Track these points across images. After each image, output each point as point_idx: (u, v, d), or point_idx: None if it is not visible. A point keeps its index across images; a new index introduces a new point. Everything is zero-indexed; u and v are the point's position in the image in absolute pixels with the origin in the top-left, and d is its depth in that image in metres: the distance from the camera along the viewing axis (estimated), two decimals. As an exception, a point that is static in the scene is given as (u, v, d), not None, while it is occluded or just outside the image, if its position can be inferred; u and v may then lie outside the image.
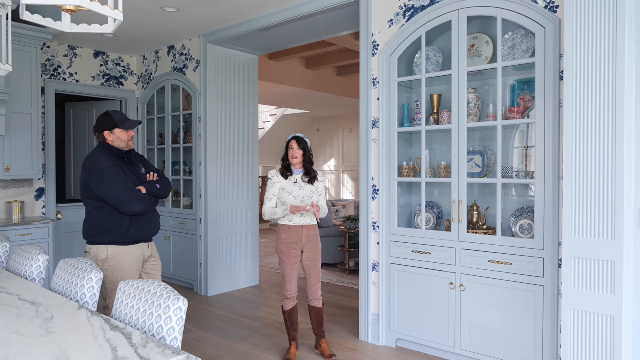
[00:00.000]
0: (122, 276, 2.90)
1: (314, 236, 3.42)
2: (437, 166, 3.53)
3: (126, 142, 2.92)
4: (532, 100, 3.13)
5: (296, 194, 3.34)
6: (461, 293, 3.26)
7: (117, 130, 2.87)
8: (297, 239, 3.35)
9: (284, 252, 3.35)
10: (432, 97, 3.52)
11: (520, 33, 3.11)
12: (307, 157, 3.40)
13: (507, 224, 3.28)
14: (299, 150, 3.36)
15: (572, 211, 2.38)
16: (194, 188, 5.31)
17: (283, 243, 3.36)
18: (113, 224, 2.86)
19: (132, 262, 2.95)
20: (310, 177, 3.40)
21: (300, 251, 3.38)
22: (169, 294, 1.63)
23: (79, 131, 6.26)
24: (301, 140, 3.39)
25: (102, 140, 2.91)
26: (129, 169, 2.95)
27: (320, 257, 3.46)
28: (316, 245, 3.43)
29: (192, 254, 5.36)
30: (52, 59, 5.42)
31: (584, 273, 2.35)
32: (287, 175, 3.39)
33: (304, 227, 3.36)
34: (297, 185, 3.37)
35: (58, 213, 5.54)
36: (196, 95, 5.24)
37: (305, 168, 3.41)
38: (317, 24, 4.43)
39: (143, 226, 2.98)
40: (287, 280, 3.38)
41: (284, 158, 3.44)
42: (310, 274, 3.43)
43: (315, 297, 3.46)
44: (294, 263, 3.36)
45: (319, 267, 3.45)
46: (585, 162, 2.33)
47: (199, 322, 4.29)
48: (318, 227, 3.51)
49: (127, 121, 2.91)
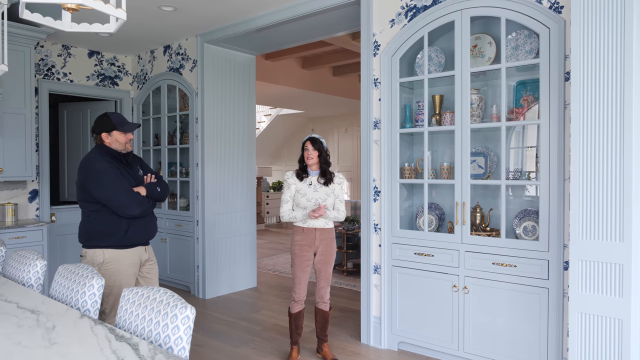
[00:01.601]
0: (118, 280, 2.85)
1: (328, 239, 3.35)
2: (439, 167, 3.50)
3: (124, 144, 2.87)
4: (536, 101, 3.11)
5: (310, 196, 3.29)
6: (464, 295, 3.23)
7: (115, 132, 2.83)
8: (310, 241, 3.30)
9: (296, 253, 3.31)
10: (434, 97, 3.49)
11: (524, 33, 3.09)
12: (322, 158, 3.33)
13: (511, 225, 3.26)
14: (314, 151, 3.30)
15: (579, 213, 2.36)
16: (191, 189, 5.25)
17: (296, 245, 3.32)
18: (110, 227, 2.80)
19: (129, 266, 2.90)
20: (325, 178, 3.34)
21: (313, 254, 3.33)
22: (176, 302, 1.58)
23: (73, 132, 6.17)
24: (316, 140, 3.33)
25: (99, 141, 2.86)
26: (126, 171, 2.90)
27: (333, 261, 3.41)
28: (329, 249, 3.36)
29: (189, 256, 5.30)
30: (46, 58, 5.33)
31: (591, 276, 2.33)
32: (302, 176, 3.34)
33: (317, 230, 3.30)
34: (311, 187, 3.32)
35: (52, 215, 5.45)
36: (193, 96, 5.17)
37: (322, 169, 3.36)
38: (316, 23, 4.39)
39: (140, 229, 2.92)
40: (296, 283, 3.33)
41: (300, 159, 3.38)
42: (320, 276, 3.39)
43: (323, 300, 3.42)
44: (305, 266, 3.31)
45: (329, 270, 3.40)
46: (592, 163, 2.30)
47: (197, 325, 4.23)
48: (334, 230, 3.44)
49: (126, 124, 2.87)
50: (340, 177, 3.43)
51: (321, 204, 3.22)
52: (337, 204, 3.39)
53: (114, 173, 2.75)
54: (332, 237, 3.39)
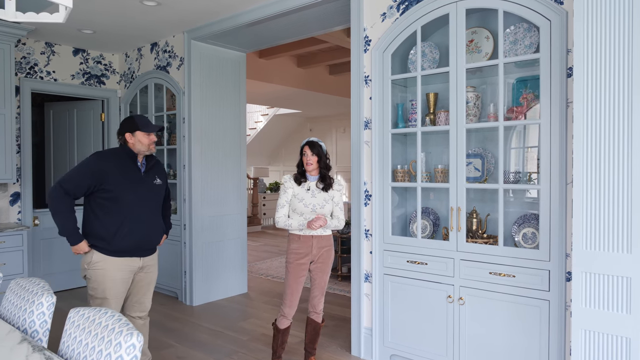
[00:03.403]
0: (103, 285, 2.72)
1: (326, 248, 3.15)
2: (433, 170, 3.30)
3: (147, 145, 2.84)
4: (536, 99, 2.91)
5: (307, 202, 3.09)
6: (460, 307, 3.02)
7: (139, 133, 2.81)
8: (306, 249, 3.10)
9: (291, 262, 3.10)
10: (428, 96, 3.28)
11: (523, 27, 2.88)
12: (322, 163, 3.13)
13: (509, 232, 3.06)
14: (313, 156, 3.09)
15: (582, 221, 2.15)
16: (178, 192, 5.05)
17: (292, 253, 3.11)
18: (101, 230, 2.73)
19: (117, 272, 2.77)
20: (325, 183, 3.14)
21: (309, 264, 3.13)
22: (121, 328, 1.38)
23: (59, 132, 5.98)
24: (315, 145, 3.12)
25: (123, 142, 2.85)
26: (133, 171, 2.82)
27: (329, 270, 3.20)
28: (327, 257, 3.16)
29: (177, 261, 5.10)
30: (28, 56, 5.14)
31: (596, 290, 2.13)
32: (300, 181, 3.15)
33: (314, 237, 3.10)
34: (309, 193, 3.12)
35: (35, 219, 5.26)
36: (180, 95, 4.98)
37: (321, 174, 3.16)
38: (308, 18, 4.18)
39: (130, 240, 2.78)
40: (288, 294, 3.11)
41: (299, 164, 3.19)
42: (314, 284, 3.19)
43: (316, 311, 3.22)
44: (299, 276, 3.10)
45: (325, 280, 3.19)
46: (597, 166, 2.10)
47: (181, 335, 4.03)
48: (332, 238, 3.24)
49: (149, 125, 2.85)
50: (341, 184, 3.23)
51: (319, 214, 3.03)
52: (337, 212, 3.19)
53: (92, 162, 2.73)
54: (330, 244, 3.19)
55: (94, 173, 2.70)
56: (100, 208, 2.73)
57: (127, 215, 2.75)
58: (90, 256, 2.75)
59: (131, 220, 2.75)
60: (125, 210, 2.74)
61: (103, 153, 2.86)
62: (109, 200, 2.72)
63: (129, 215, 2.75)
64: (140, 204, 2.80)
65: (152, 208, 2.89)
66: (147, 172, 2.91)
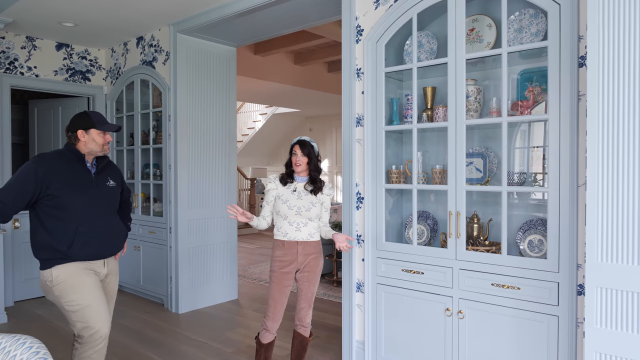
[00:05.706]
0: (76, 296, 2.44)
1: (313, 255, 2.87)
2: (430, 170, 3.03)
3: (101, 145, 2.57)
4: (544, 92, 2.63)
5: (291, 203, 2.83)
6: (459, 321, 2.75)
7: (93, 131, 2.54)
8: (291, 257, 2.83)
9: (275, 271, 2.84)
10: (425, 90, 3.01)
11: (529, 13, 2.61)
12: (312, 165, 2.88)
13: (514, 239, 2.78)
14: (304, 157, 2.83)
15: (597, 229, 1.88)
16: (164, 193, 4.80)
17: (276, 260, 2.85)
18: (52, 243, 2.42)
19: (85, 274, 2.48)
20: (314, 186, 2.88)
21: (294, 272, 2.86)
22: None
23: (44, 130, 5.76)
24: (306, 144, 2.85)
25: (73, 140, 2.55)
26: (82, 174, 2.53)
27: (317, 280, 2.93)
28: (314, 266, 2.89)
29: (163, 265, 4.85)
30: (7, 50, 4.90)
31: (613, 308, 1.85)
32: (286, 181, 2.89)
33: (299, 243, 2.83)
34: (295, 194, 2.85)
35: (15, 221, 5.00)
36: (166, 91, 4.73)
37: (310, 176, 2.91)
38: (302, 8, 3.91)
39: (90, 246, 2.49)
40: (271, 305, 2.84)
41: (287, 164, 2.93)
42: (301, 296, 2.91)
43: (303, 324, 2.95)
44: (283, 286, 2.83)
45: (312, 290, 2.92)
46: (615, 167, 1.83)
47: (163, 345, 3.78)
48: (320, 244, 2.96)
49: (105, 123, 2.59)
50: (330, 188, 2.97)
51: (245, 212, 2.76)
52: (324, 216, 2.93)
53: (28, 170, 2.37)
54: (318, 251, 2.91)
55: (37, 178, 2.36)
56: (48, 217, 2.43)
57: (81, 222, 2.46)
58: (49, 273, 2.44)
59: (86, 227, 2.47)
60: (77, 217, 2.45)
61: (45, 155, 2.50)
62: (56, 209, 2.42)
63: (83, 222, 2.46)
64: (93, 209, 2.52)
65: (107, 212, 2.61)
66: (99, 174, 2.62)
